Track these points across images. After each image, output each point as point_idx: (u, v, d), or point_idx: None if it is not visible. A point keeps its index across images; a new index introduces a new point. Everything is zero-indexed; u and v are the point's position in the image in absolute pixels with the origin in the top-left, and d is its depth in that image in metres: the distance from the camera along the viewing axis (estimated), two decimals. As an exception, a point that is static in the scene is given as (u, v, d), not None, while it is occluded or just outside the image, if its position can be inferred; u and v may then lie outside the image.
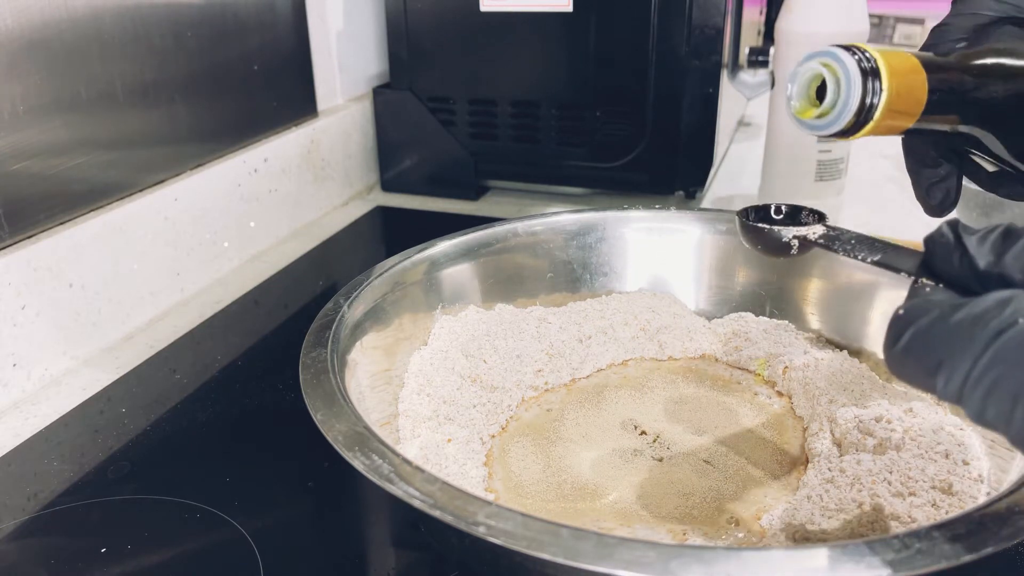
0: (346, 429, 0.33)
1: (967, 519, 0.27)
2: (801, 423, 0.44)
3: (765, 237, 0.39)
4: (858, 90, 0.31)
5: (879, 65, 0.31)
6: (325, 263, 0.71)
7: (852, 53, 0.31)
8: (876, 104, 0.31)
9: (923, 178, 0.40)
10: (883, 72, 0.31)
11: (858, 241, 0.34)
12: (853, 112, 0.32)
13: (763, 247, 0.39)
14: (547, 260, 0.55)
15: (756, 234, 0.39)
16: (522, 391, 0.47)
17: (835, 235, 0.36)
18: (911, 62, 0.32)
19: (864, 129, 0.32)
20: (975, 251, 0.24)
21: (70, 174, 0.54)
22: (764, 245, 0.39)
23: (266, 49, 0.71)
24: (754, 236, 0.39)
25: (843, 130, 0.32)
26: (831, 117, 0.32)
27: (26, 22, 0.50)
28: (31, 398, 0.51)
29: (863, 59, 0.31)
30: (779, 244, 0.38)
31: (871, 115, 0.32)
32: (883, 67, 0.31)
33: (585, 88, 0.76)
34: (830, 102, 0.32)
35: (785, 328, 0.52)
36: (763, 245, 0.39)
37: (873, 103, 0.31)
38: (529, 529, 0.27)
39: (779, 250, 0.38)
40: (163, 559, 0.38)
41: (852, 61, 0.31)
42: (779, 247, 0.38)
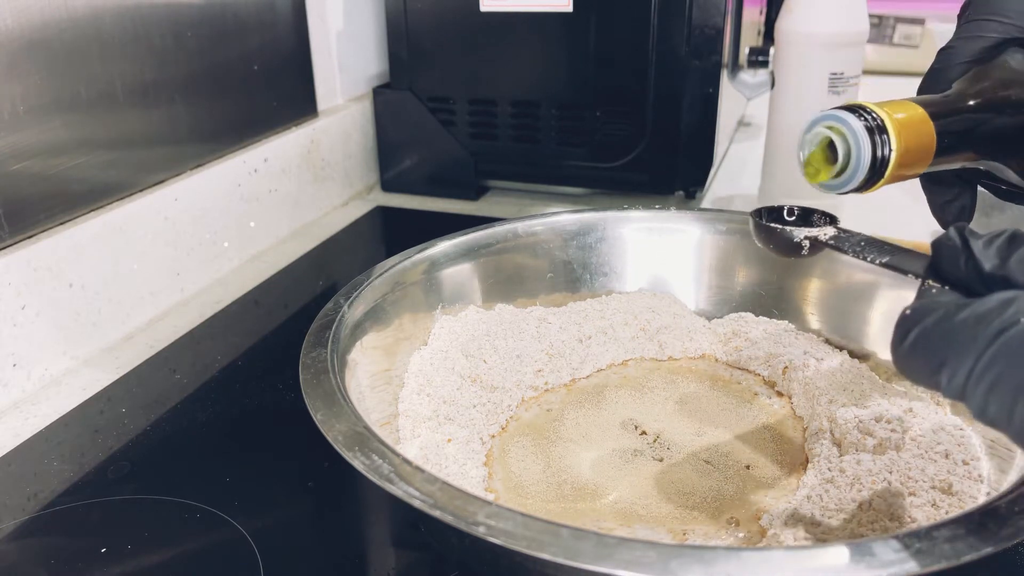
0: (346, 429, 0.33)
1: (967, 519, 0.27)
2: (801, 423, 0.44)
3: (777, 237, 0.39)
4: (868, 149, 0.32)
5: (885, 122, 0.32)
6: (325, 263, 0.71)
7: (856, 115, 0.32)
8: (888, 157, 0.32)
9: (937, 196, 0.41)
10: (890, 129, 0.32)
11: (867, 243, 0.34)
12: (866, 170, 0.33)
13: (775, 247, 0.40)
14: (547, 260, 0.55)
15: (768, 234, 0.40)
16: (522, 391, 0.47)
17: (845, 237, 0.36)
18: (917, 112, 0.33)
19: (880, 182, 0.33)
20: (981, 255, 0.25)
21: (70, 174, 0.54)
22: (776, 245, 0.40)
23: (266, 49, 0.71)
24: (766, 236, 0.40)
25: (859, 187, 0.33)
26: (846, 177, 0.33)
27: (26, 22, 0.50)
28: (31, 398, 0.51)
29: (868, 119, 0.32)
30: (790, 244, 0.39)
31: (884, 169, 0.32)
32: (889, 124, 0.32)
33: (585, 88, 0.76)
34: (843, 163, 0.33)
35: (785, 328, 0.52)
36: (775, 245, 0.40)
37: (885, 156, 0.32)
38: (529, 529, 0.27)
39: (790, 250, 0.39)
40: (163, 559, 0.38)
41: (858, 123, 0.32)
42: (790, 247, 0.39)
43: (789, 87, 0.70)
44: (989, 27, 0.37)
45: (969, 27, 0.38)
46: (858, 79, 0.68)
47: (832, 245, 0.36)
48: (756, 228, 0.41)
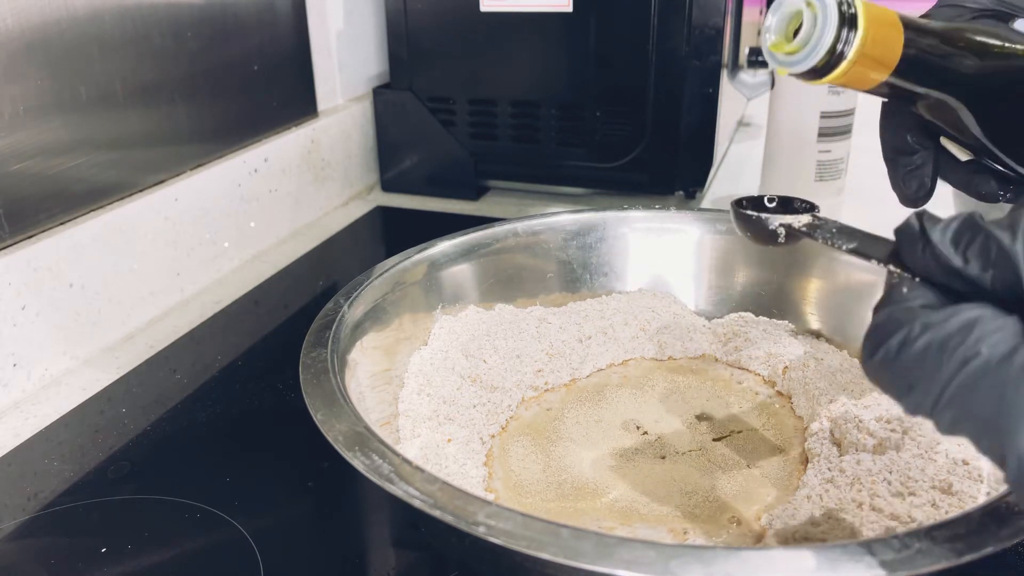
0: (346, 429, 0.33)
1: (967, 519, 0.27)
2: (801, 423, 0.44)
3: (754, 224, 0.40)
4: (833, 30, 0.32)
5: (858, 11, 0.32)
6: (325, 263, 0.71)
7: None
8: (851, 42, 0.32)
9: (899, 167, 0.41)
10: (861, 18, 0.32)
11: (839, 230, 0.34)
12: (825, 51, 0.32)
13: (752, 234, 0.40)
14: (547, 260, 0.55)
15: (746, 221, 0.40)
16: (522, 391, 0.47)
17: (819, 224, 0.37)
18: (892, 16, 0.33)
19: (835, 72, 0.32)
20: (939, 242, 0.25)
21: (70, 174, 0.54)
22: (753, 232, 0.40)
23: (266, 49, 0.71)
24: (744, 223, 0.40)
25: (813, 68, 0.32)
26: (803, 53, 0.32)
27: (26, 22, 0.50)
28: (31, 398, 0.51)
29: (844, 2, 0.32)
30: (767, 232, 0.39)
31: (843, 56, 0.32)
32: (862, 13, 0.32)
33: (585, 88, 0.76)
34: (803, 38, 0.32)
35: (785, 328, 0.52)
36: (752, 232, 0.40)
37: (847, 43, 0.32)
38: (529, 529, 0.27)
39: (767, 238, 0.39)
40: (163, 559, 0.38)
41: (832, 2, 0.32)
42: (767, 235, 0.39)
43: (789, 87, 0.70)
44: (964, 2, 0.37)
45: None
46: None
47: (805, 232, 0.37)
48: (735, 216, 0.41)
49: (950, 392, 0.23)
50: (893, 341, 0.24)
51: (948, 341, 0.23)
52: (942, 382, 0.23)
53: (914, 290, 0.26)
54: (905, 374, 0.24)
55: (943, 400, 0.23)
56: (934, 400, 0.23)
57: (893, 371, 0.24)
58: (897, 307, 0.25)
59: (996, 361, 0.22)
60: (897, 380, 0.24)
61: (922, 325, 0.24)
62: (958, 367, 0.23)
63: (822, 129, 0.69)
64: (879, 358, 0.25)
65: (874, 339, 0.25)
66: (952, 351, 0.23)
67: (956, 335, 0.23)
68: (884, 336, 0.25)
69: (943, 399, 0.23)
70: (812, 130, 0.70)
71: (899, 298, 0.26)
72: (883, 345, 0.24)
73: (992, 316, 0.23)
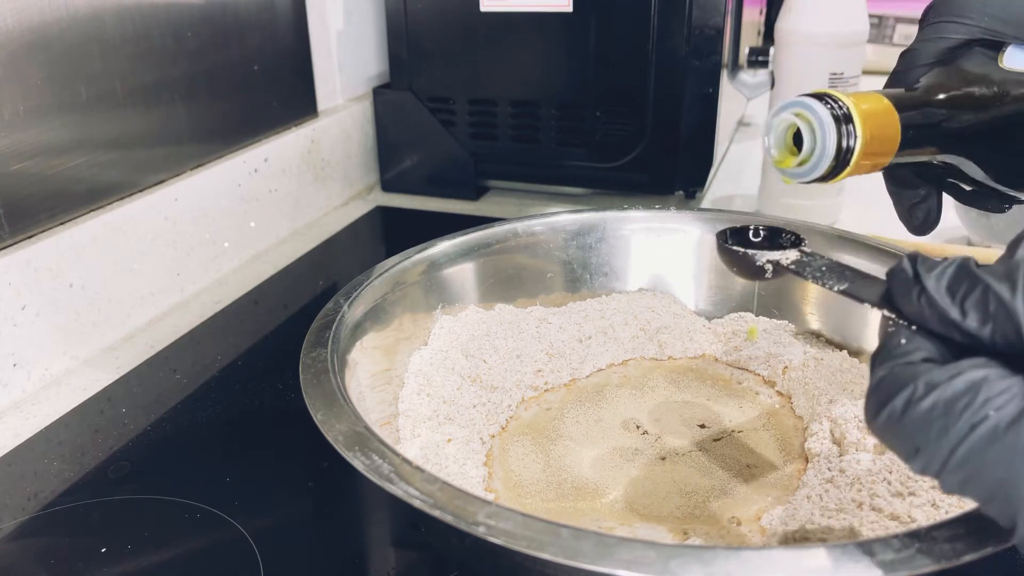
0: (346, 429, 0.33)
1: (967, 519, 0.27)
2: (801, 423, 0.44)
3: (740, 260, 0.40)
4: (833, 137, 0.32)
5: (851, 111, 0.32)
6: (325, 263, 0.71)
7: (824, 102, 0.32)
8: (853, 148, 0.32)
9: (904, 199, 0.41)
10: (856, 118, 0.32)
11: (828, 268, 0.34)
12: (831, 158, 0.33)
13: (738, 269, 0.40)
14: (547, 260, 0.55)
15: (731, 256, 0.40)
16: (522, 391, 0.47)
17: (807, 261, 0.36)
18: (882, 103, 0.33)
19: (844, 172, 0.33)
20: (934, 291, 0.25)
21: (70, 174, 0.54)
22: (739, 267, 0.40)
23: (266, 49, 0.71)
24: (730, 258, 0.40)
25: (823, 176, 0.33)
26: (810, 165, 0.33)
27: (26, 22, 0.50)
28: (31, 398, 0.51)
29: (835, 107, 0.32)
30: (754, 268, 0.39)
31: (849, 159, 0.33)
32: (855, 113, 0.32)
33: (585, 88, 0.76)
34: (807, 151, 0.33)
35: (785, 328, 0.52)
36: (738, 267, 0.40)
37: (850, 146, 0.32)
38: (529, 529, 0.27)
39: (754, 273, 0.39)
40: (163, 559, 0.38)
41: (824, 110, 0.32)
42: (754, 270, 0.39)
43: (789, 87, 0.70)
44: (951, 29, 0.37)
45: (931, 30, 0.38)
46: (858, 79, 0.68)
47: (793, 270, 0.36)
48: (720, 250, 0.41)
49: (958, 457, 0.23)
50: (898, 401, 0.24)
51: (954, 403, 0.23)
52: (950, 446, 0.23)
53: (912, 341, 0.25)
54: (911, 436, 0.24)
55: (951, 464, 0.23)
56: (941, 464, 0.23)
57: (899, 432, 0.24)
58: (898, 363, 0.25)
59: (1004, 426, 0.22)
60: (903, 442, 0.24)
61: (926, 385, 0.23)
62: (966, 432, 0.22)
63: (822, 129, 0.69)
64: (884, 418, 0.24)
65: (878, 398, 0.25)
66: (959, 414, 0.23)
67: (962, 397, 0.23)
68: (888, 396, 0.24)
69: (951, 463, 0.23)
70: (812, 130, 0.69)
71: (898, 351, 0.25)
72: (887, 405, 0.24)
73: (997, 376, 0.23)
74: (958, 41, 0.37)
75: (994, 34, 0.36)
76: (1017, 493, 0.22)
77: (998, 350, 0.24)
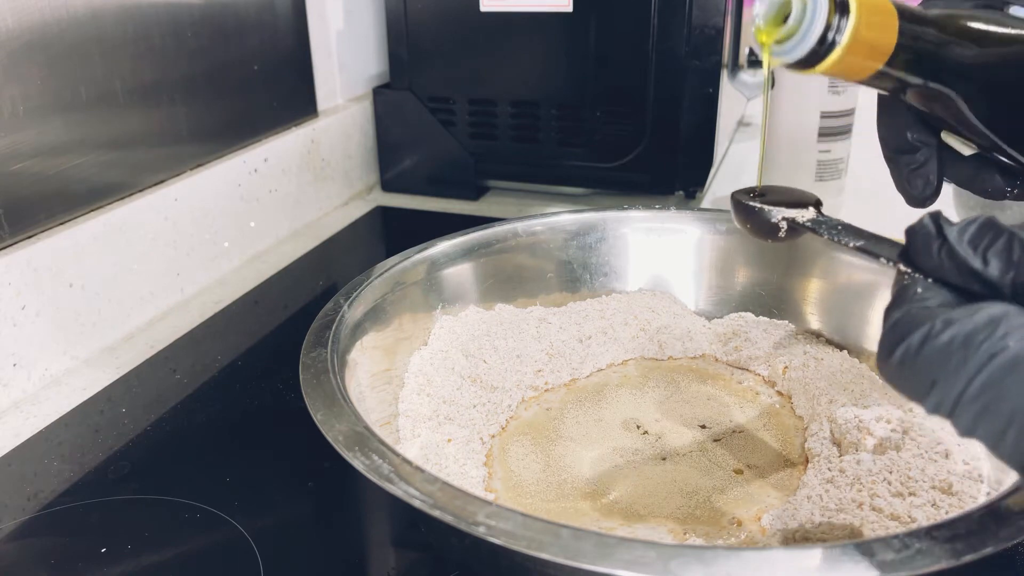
0: (346, 429, 0.33)
1: (967, 519, 0.27)
2: (801, 423, 0.44)
3: (755, 217, 0.38)
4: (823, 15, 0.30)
5: None
6: (325, 263, 0.71)
7: None
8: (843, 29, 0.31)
9: (901, 166, 0.40)
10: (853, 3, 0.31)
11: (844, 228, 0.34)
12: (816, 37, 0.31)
13: (752, 227, 0.39)
14: (547, 260, 0.55)
15: (747, 213, 0.39)
16: (522, 391, 0.47)
17: (823, 220, 0.36)
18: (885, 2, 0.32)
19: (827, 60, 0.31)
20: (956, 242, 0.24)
21: (70, 174, 0.54)
22: (754, 225, 0.39)
23: (266, 49, 0.71)
24: (745, 215, 0.39)
25: (804, 58, 0.31)
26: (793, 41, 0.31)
27: (26, 22, 0.50)
28: (31, 398, 0.51)
29: None
30: (768, 225, 0.38)
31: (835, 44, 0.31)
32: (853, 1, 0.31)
33: (585, 88, 0.76)
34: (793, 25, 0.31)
35: (785, 328, 0.52)
36: (752, 225, 0.39)
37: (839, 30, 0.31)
38: (529, 529, 0.27)
39: (768, 231, 0.38)
40: (163, 559, 0.38)
41: None
42: (768, 228, 0.38)
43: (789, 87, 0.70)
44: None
45: None
46: (858, 79, 0.68)
47: (809, 227, 0.36)
48: (735, 207, 0.40)
49: (976, 386, 0.22)
50: (915, 337, 0.23)
51: (974, 336, 0.22)
52: (968, 376, 0.22)
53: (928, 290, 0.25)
54: (928, 370, 0.23)
55: (968, 395, 0.22)
56: (957, 395, 0.23)
57: (915, 368, 0.23)
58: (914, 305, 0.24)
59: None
60: (919, 377, 0.23)
61: (944, 321, 0.23)
62: (985, 360, 0.22)
63: (822, 129, 0.69)
64: (899, 355, 0.24)
65: (893, 336, 0.24)
66: (978, 345, 0.22)
67: (982, 330, 0.22)
68: (904, 333, 0.24)
69: (968, 393, 0.22)
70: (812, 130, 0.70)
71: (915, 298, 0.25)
72: (903, 342, 0.24)
73: (1017, 312, 0.22)
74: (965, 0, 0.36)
75: None
76: None
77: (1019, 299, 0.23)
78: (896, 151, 0.40)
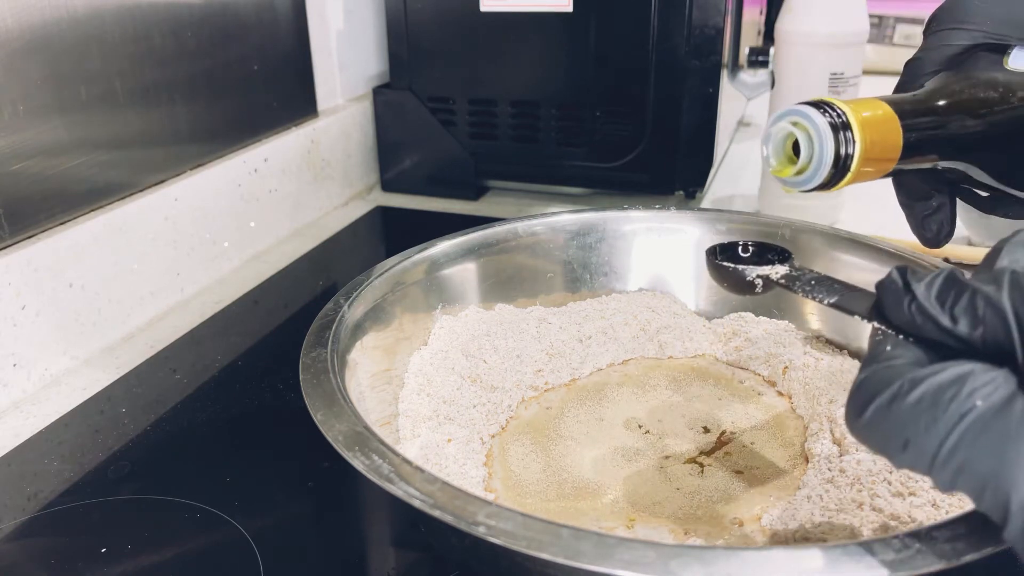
0: (346, 429, 0.33)
1: (967, 519, 0.27)
2: (801, 423, 0.44)
3: (731, 275, 0.40)
4: (831, 145, 0.32)
5: (849, 119, 0.32)
6: (325, 263, 0.71)
7: (821, 110, 0.32)
8: (852, 155, 0.32)
9: (916, 212, 0.41)
10: (854, 125, 0.32)
11: (817, 282, 0.35)
12: (829, 166, 0.32)
13: (729, 284, 0.41)
14: (547, 260, 0.55)
15: (722, 272, 0.41)
16: (522, 391, 0.47)
17: (796, 275, 0.37)
18: (883, 109, 0.33)
19: (844, 180, 0.33)
20: (924, 299, 0.25)
21: (70, 174, 0.54)
22: (730, 282, 0.41)
23: (266, 49, 0.71)
24: (720, 274, 0.41)
25: (823, 184, 0.33)
26: (808, 174, 0.33)
27: (26, 22, 0.50)
28: (31, 398, 0.51)
29: (832, 115, 0.32)
30: (744, 283, 0.39)
31: (848, 166, 0.32)
32: (854, 120, 0.32)
33: (585, 88, 0.76)
34: (805, 159, 0.33)
35: (785, 328, 0.52)
36: (729, 283, 0.41)
37: (848, 153, 0.32)
38: (529, 529, 0.27)
39: (744, 288, 0.40)
40: (163, 559, 0.38)
41: (822, 119, 0.32)
42: (744, 285, 0.39)
43: (789, 87, 0.70)
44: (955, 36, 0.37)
45: (934, 38, 0.38)
46: (858, 79, 0.68)
47: (783, 284, 0.37)
48: (710, 266, 0.42)
49: (948, 447, 0.22)
50: (883, 397, 0.24)
51: (941, 394, 0.23)
52: (939, 437, 0.23)
53: (898, 347, 0.25)
54: (899, 430, 0.23)
55: (942, 455, 0.23)
56: (932, 455, 0.23)
57: (886, 427, 0.24)
58: (881, 365, 0.25)
59: (993, 413, 0.22)
60: (891, 436, 0.24)
61: (911, 380, 0.23)
62: (955, 420, 0.22)
63: (822, 129, 0.69)
64: (869, 415, 0.24)
65: (861, 396, 0.25)
66: (947, 404, 0.23)
67: (949, 387, 0.23)
68: (873, 393, 0.24)
69: (941, 454, 0.23)
70: (812, 130, 0.69)
71: (883, 356, 0.25)
72: (873, 401, 0.24)
73: (982, 369, 0.23)
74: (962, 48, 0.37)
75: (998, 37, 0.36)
76: (1007, 482, 0.22)
77: (988, 355, 0.23)
78: (911, 198, 0.41)
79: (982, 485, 0.22)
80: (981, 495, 0.22)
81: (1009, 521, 0.22)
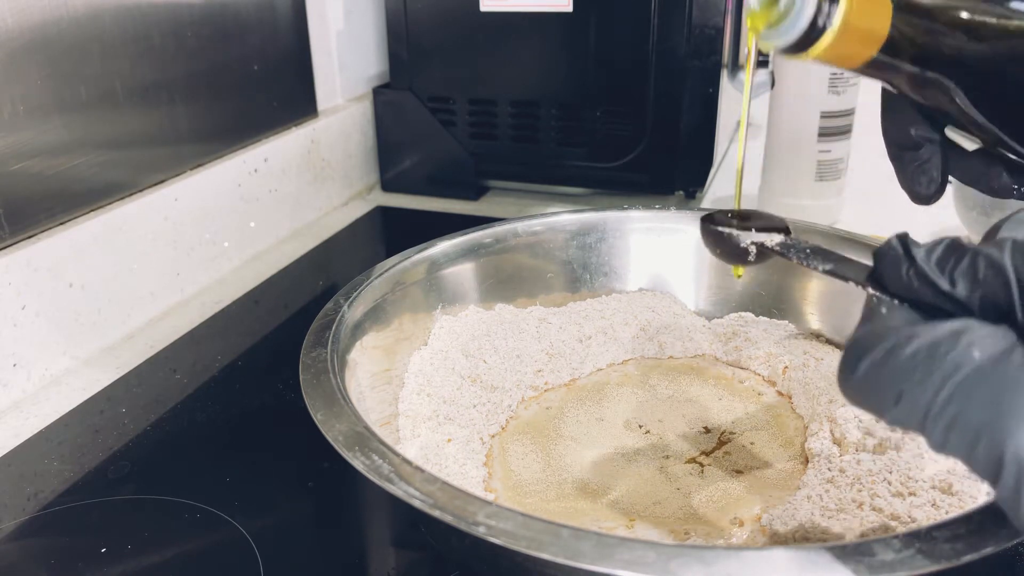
0: (346, 429, 0.33)
1: (967, 519, 0.27)
2: (801, 423, 0.44)
3: (724, 241, 0.39)
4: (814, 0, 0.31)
5: None
6: (325, 263, 0.71)
7: None
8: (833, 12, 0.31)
9: (905, 163, 0.40)
10: None
11: (813, 251, 0.34)
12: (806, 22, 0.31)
13: (722, 251, 0.39)
14: (547, 260, 0.55)
15: (715, 237, 0.39)
16: (522, 391, 0.47)
17: (792, 243, 0.36)
18: None
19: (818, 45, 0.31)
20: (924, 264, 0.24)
21: (70, 174, 0.54)
22: (723, 250, 0.39)
23: (266, 49, 0.71)
24: (713, 239, 0.39)
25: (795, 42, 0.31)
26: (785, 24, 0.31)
27: (26, 22, 0.50)
28: (31, 398, 0.51)
29: None
30: (737, 249, 0.38)
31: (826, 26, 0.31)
32: None
33: (585, 88, 0.76)
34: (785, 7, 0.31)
35: (785, 328, 0.52)
36: (722, 250, 0.39)
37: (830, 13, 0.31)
38: (529, 529, 0.27)
39: (738, 256, 0.38)
40: (163, 559, 0.38)
41: None
42: (737, 252, 0.38)
43: (789, 87, 0.70)
44: None
45: None
46: (858, 78, 0.68)
47: (778, 251, 0.36)
48: (704, 232, 0.40)
49: (943, 397, 0.22)
50: (877, 351, 0.23)
51: (938, 346, 0.22)
52: (934, 387, 0.22)
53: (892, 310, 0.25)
54: (893, 382, 0.23)
55: (936, 406, 0.22)
56: (926, 407, 0.22)
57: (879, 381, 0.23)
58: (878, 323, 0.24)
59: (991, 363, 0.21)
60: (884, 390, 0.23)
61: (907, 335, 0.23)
62: (951, 371, 0.22)
63: (822, 129, 0.69)
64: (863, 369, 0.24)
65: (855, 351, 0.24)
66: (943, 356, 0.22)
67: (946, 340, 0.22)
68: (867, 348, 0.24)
69: (935, 405, 0.22)
70: (812, 130, 0.70)
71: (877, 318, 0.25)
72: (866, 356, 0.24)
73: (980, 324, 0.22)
74: None
75: None
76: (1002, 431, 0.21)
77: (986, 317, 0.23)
78: (900, 148, 0.40)
79: (976, 437, 0.22)
80: (973, 450, 0.22)
81: (1002, 476, 0.21)
